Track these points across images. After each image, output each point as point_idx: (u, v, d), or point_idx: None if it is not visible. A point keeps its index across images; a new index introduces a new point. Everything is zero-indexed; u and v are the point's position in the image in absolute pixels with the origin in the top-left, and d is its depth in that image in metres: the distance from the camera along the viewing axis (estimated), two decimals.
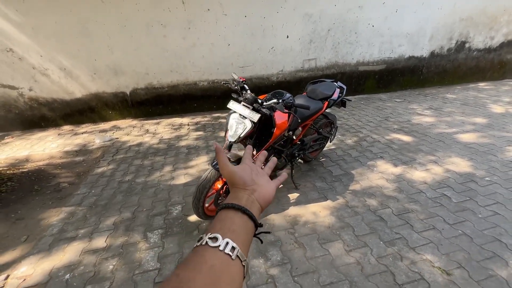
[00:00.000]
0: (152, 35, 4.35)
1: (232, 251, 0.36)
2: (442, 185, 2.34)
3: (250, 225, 0.42)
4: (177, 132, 4.06)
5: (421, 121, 3.93)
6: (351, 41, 5.12)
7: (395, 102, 5.01)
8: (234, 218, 0.41)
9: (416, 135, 3.42)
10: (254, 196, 0.46)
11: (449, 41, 5.60)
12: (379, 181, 2.46)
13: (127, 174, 2.87)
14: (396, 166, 2.70)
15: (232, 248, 0.36)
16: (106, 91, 4.59)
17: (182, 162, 3.08)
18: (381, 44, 5.28)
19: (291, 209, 2.15)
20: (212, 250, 0.36)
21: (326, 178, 2.57)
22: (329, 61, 5.21)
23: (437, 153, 2.92)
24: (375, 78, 5.57)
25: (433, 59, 5.68)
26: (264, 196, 0.48)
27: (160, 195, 2.46)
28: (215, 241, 0.36)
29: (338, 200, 2.22)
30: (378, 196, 2.24)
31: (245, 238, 0.40)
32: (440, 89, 5.73)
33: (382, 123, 3.93)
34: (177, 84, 4.79)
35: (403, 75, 5.70)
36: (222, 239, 0.37)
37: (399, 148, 3.09)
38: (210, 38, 4.56)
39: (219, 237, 0.37)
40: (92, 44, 4.21)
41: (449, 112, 4.22)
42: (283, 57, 4.97)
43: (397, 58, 5.50)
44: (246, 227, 0.41)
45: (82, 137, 4.07)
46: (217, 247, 0.36)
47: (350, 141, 3.38)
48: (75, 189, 2.66)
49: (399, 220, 1.95)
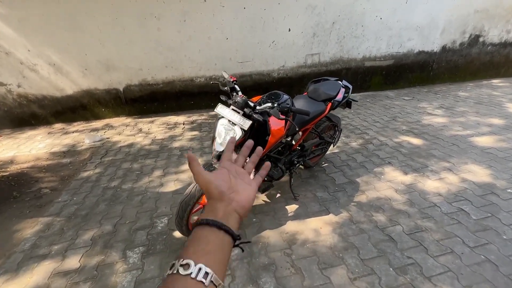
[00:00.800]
0: (146, 28, 4.10)
1: (205, 277, 0.34)
2: (459, 197, 2.09)
3: (227, 240, 0.40)
4: (171, 132, 3.84)
5: (432, 121, 3.65)
6: (357, 34, 4.81)
7: (404, 100, 4.71)
8: (209, 236, 0.39)
9: (427, 138, 3.15)
10: (232, 206, 0.44)
11: (462, 35, 5.25)
12: (387, 192, 2.21)
13: (114, 179, 2.67)
14: (406, 174, 2.45)
15: (205, 274, 0.35)
16: (98, 87, 4.37)
17: (174, 166, 2.86)
18: (389, 38, 4.96)
19: (288, 224, 1.92)
20: (183, 278, 0.34)
21: (328, 187, 2.33)
22: (333, 56, 4.91)
23: (452, 159, 2.65)
24: (382, 74, 5.26)
25: (444, 54, 5.35)
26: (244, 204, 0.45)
27: (146, 205, 2.25)
28: (187, 268, 0.35)
29: (342, 214, 1.99)
30: (387, 210, 2.00)
31: (222, 257, 0.39)
32: (451, 86, 5.41)
33: (389, 124, 3.66)
34: (172, 80, 4.55)
35: (412, 71, 5.39)
36: (194, 266, 0.35)
37: (408, 153, 2.83)
38: (207, 31, 4.29)
39: (191, 264, 0.35)
40: (82, 38, 3.98)
41: (462, 112, 3.92)
42: (284, 51, 4.68)
43: (406, 53, 5.18)
44: (223, 243, 0.40)
45: (72, 136, 3.87)
46: (188, 275, 0.34)
47: (355, 143, 3.12)
48: (56, 196, 2.47)
49: (411, 240, 1.71)
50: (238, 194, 0.45)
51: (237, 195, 0.45)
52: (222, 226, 0.40)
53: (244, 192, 0.46)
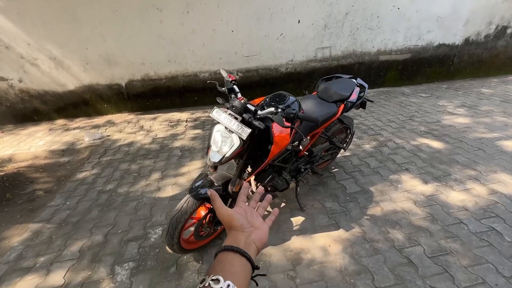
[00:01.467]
0: (147, 21, 3.91)
1: None
2: (489, 213, 1.84)
3: (248, 267, 0.43)
4: (173, 130, 3.68)
5: (454, 122, 3.34)
6: (372, 26, 4.48)
7: (421, 97, 4.39)
8: (233, 260, 0.43)
9: (449, 141, 2.87)
10: (251, 238, 0.48)
11: (488, 26, 4.82)
12: (405, 204, 1.98)
13: (110, 182, 2.53)
14: (426, 183, 2.20)
15: None
16: (100, 82, 4.24)
17: (173, 168, 2.70)
18: (407, 29, 4.60)
19: (293, 240, 1.73)
20: None
21: (338, 196, 2.12)
22: (345, 49, 4.61)
23: (478, 166, 2.38)
24: (398, 69, 4.92)
25: (467, 47, 4.95)
26: (261, 238, 0.49)
27: (140, 212, 2.10)
28: (217, 283, 0.37)
29: (353, 230, 1.78)
30: (405, 226, 1.78)
31: (244, 281, 0.41)
32: (473, 82, 5.02)
33: (406, 124, 3.38)
34: (175, 75, 4.37)
35: (431, 66, 5.02)
36: (223, 281, 0.38)
37: (428, 158, 2.57)
38: (212, 23, 4.06)
39: (221, 279, 0.38)
40: (82, 31, 3.83)
41: (487, 112, 3.59)
42: (293, 45, 4.41)
43: (425, 46, 4.81)
44: (245, 269, 0.43)
45: (72, 133, 3.77)
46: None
47: (368, 146, 2.88)
48: (49, 199, 2.35)
49: (434, 266, 1.49)
50: (256, 229, 0.50)
51: (255, 229, 0.50)
52: (244, 254, 0.44)
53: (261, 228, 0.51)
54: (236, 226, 0.49)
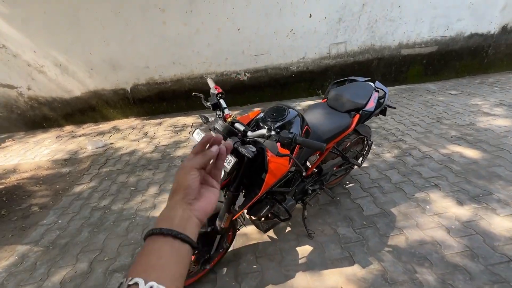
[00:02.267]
0: (150, 22, 3.74)
1: None
2: None
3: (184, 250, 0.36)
4: (177, 137, 3.50)
5: (491, 124, 2.89)
6: (392, 17, 4.04)
7: (450, 95, 3.91)
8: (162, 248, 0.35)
9: (487, 149, 2.45)
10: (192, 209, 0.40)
11: None
12: (435, 232, 1.65)
13: (105, 197, 2.39)
14: (461, 204, 1.84)
15: None
16: (105, 88, 4.16)
17: (172, 181, 2.49)
18: (433, 19, 4.11)
19: (298, 278, 1.47)
20: None
21: (353, 219, 1.82)
22: (362, 44, 4.20)
23: None
24: (423, 63, 4.44)
25: (504, 36, 4.37)
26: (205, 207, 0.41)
27: (131, 234, 1.92)
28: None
29: (371, 266, 1.48)
30: (436, 264, 1.45)
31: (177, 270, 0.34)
32: (511, 76, 4.43)
33: (433, 128, 2.97)
34: (181, 78, 4.20)
35: (461, 59, 4.48)
36: (144, 285, 0.31)
37: (462, 171, 2.19)
38: (216, 22, 3.83)
39: (140, 283, 0.31)
40: (85, 35, 3.74)
41: None
42: (304, 41, 4.08)
43: (454, 37, 4.29)
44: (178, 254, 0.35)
45: (77, 141, 3.70)
46: None
47: (388, 155, 2.53)
48: (43, 216, 2.24)
49: None
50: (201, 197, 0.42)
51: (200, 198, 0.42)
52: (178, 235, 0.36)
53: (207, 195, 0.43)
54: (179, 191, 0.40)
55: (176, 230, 0.35)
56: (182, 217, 0.38)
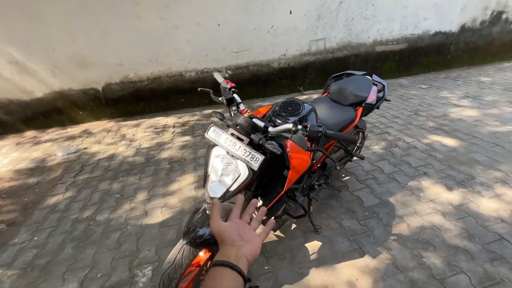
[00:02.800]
0: (122, 16, 3.47)
1: None
2: None
3: (239, 281, 0.44)
4: (159, 138, 3.30)
5: (462, 115, 3.14)
6: (367, 15, 4.21)
7: (421, 89, 4.19)
8: (224, 275, 0.44)
9: (462, 137, 2.66)
10: (242, 252, 0.49)
11: (484, 12, 4.67)
12: (433, 218, 1.74)
13: (87, 207, 2.16)
14: (450, 190, 1.97)
15: None
16: (72, 87, 3.78)
17: (162, 185, 2.35)
18: (403, 18, 4.37)
19: (312, 274, 1.44)
20: None
21: (356, 211, 1.85)
22: (340, 41, 4.33)
23: (501, 166, 2.17)
24: (395, 59, 4.71)
25: (463, 34, 4.79)
26: (252, 251, 0.50)
27: (125, 246, 1.75)
28: None
29: (381, 256, 1.51)
30: (440, 247, 1.53)
31: None
32: (470, 71, 4.88)
33: (412, 119, 3.15)
34: (158, 76, 3.97)
35: (427, 55, 4.83)
36: None
37: (445, 158, 2.34)
38: (195, 17, 3.67)
39: None
40: (47, 30, 3.36)
41: (493, 102, 3.42)
42: (285, 38, 4.09)
43: (421, 35, 4.61)
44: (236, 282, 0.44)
45: (43, 147, 3.32)
46: None
47: (377, 147, 2.62)
48: (13, 234, 1.96)
49: None
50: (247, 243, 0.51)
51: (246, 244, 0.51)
52: (234, 267, 0.45)
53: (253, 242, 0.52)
54: (227, 241, 0.50)
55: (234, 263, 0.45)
56: (236, 256, 0.47)
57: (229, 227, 0.52)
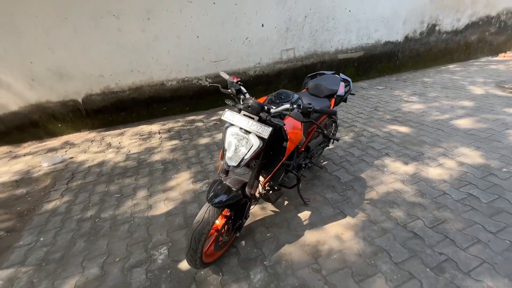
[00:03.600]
0: (103, 29, 3.60)
1: None
2: (463, 182, 2.12)
3: None
4: (147, 144, 3.43)
5: (411, 108, 3.77)
6: (328, 27, 4.82)
7: (378, 89, 4.85)
8: None
9: (413, 125, 3.23)
10: None
11: (421, 24, 5.57)
12: (395, 185, 2.16)
13: (89, 208, 2.25)
14: (406, 164, 2.44)
15: None
16: (51, 100, 3.76)
17: (159, 183, 2.52)
18: (358, 29, 5.06)
19: (307, 234, 1.75)
20: None
21: (335, 186, 2.21)
22: (307, 50, 4.86)
23: (442, 144, 2.73)
24: (354, 65, 5.37)
25: (407, 43, 5.64)
26: None
27: (136, 234, 1.90)
28: None
29: (358, 215, 1.87)
30: (401, 204, 1.94)
31: None
32: (416, 73, 5.73)
33: (373, 114, 3.70)
34: (140, 85, 4.10)
35: (381, 61, 5.59)
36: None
37: (401, 142, 2.85)
38: (175, 29, 3.93)
39: None
40: (24, 43, 3.36)
41: (434, 97, 4.13)
42: (259, 48, 4.50)
43: (374, 44, 5.35)
44: None
45: (23, 160, 3.25)
46: None
47: (347, 137, 3.07)
48: (16, 238, 1.99)
49: (436, 234, 1.66)
50: None
51: None
52: None
53: None
54: None
55: None
56: None
57: None
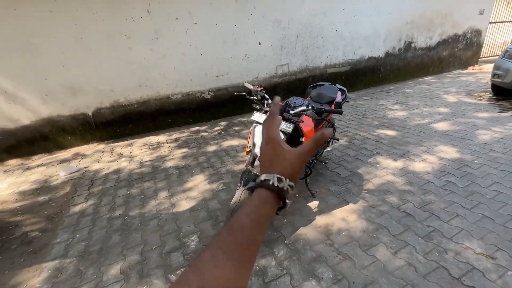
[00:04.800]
0: (115, 48, 3.90)
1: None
2: (443, 172, 2.50)
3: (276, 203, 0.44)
4: (157, 152, 3.67)
5: (396, 115, 4.23)
6: (318, 45, 5.33)
7: (364, 99, 5.34)
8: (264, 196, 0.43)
9: (398, 129, 3.66)
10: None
11: (399, 42, 6.23)
12: (388, 177, 2.52)
13: (116, 208, 2.45)
14: (395, 160, 2.82)
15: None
16: (62, 114, 3.96)
17: (178, 185, 2.76)
18: (344, 47, 5.61)
19: (318, 219, 2.05)
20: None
21: (337, 180, 2.54)
22: (300, 65, 5.33)
23: (424, 143, 3.14)
24: (342, 79, 5.89)
25: (388, 58, 6.26)
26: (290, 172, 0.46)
27: (166, 227, 2.13)
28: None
29: (359, 202, 2.20)
30: (394, 192, 2.29)
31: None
32: (397, 85, 6.32)
33: (363, 121, 4.13)
34: (147, 99, 4.38)
35: (365, 75, 6.15)
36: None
37: (389, 143, 3.25)
38: (181, 48, 4.28)
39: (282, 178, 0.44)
40: (41, 61, 3.60)
41: (415, 105, 4.64)
42: (257, 64, 4.92)
43: (359, 59, 5.91)
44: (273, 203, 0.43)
45: (38, 171, 3.40)
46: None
47: (342, 141, 3.45)
48: (51, 237, 2.16)
49: (424, 212, 2.00)
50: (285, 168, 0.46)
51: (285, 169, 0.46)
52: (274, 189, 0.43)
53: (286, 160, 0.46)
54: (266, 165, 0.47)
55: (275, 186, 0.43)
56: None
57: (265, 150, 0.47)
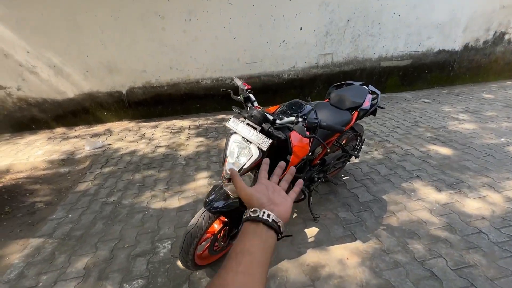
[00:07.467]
0: (149, 28, 3.88)
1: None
2: (507, 222, 1.80)
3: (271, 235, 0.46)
4: (175, 138, 3.61)
5: (459, 127, 3.33)
6: (373, 33, 4.50)
7: (423, 103, 4.39)
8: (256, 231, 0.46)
9: (457, 147, 2.85)
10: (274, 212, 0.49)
11: (486, 32, 4.89)
12: (420, 213, 1.93)
13: (113, 193, 2.45)
14: (439, 191, 2.16)
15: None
16: (100, 90, 4.18)
17: (178, 178, 2.63)
18: (407, 36, 4.64)
19: (309, 253, 1.67)
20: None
21: (351, 205, 2.06)
22: (347, 56, 4.62)
23: (490, 173, 2.35)
24: (399, 75, 4.95)
25: (466, 53, 5.00)
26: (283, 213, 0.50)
27: (147, 225, 2.02)
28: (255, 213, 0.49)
29: (370, 241, 1.72)
30: (423, 237, 1.73)
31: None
32: (473, 88, 5.06)
33: (411, 130, 3.36)
34: (177, 82, 4.33)
35: (431, 71, 5.05)
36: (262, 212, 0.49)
37: (439, 165, 2.54)
38: (214, 30, 4.05)
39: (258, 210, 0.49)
40: (83, 39, 3.79)
41: (491, 117, 3.59)
42: (295, 51, 4.41)
43: (425, 52, 4.85)
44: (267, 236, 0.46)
45: (72, 142, 3.68)
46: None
47: (376, 153, 2.84)
48: (51, 211, 2.26)
49: (459, 279, 1.44)
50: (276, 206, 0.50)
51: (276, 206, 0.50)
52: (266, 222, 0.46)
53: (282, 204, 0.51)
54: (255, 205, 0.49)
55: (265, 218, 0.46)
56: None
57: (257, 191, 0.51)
